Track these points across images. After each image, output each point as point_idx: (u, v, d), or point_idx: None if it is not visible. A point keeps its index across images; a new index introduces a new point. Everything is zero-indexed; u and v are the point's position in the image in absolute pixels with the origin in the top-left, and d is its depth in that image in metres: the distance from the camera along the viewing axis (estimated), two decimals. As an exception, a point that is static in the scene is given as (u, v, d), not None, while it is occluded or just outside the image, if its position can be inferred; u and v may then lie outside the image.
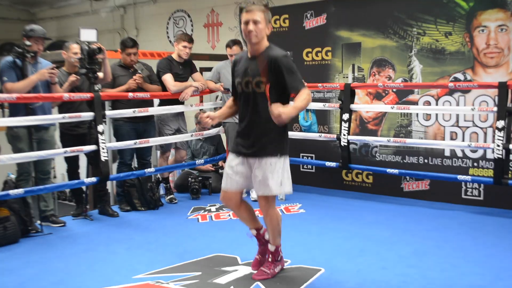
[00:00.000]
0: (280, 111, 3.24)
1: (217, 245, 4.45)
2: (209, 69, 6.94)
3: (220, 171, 6.92)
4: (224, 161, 6.95)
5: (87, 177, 5.40)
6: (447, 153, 5.92)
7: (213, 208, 5.80)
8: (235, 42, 6.12)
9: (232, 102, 3.90)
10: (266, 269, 3.76)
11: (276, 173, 3.54)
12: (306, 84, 3.64)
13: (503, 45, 5.54)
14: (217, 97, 6.79)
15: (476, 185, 5.77)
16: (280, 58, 3.49)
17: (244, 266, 3.91)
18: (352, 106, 5.89)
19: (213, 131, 6.64)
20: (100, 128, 5.12)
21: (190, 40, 5.99)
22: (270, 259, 3.80)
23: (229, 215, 5.46)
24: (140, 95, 5.57)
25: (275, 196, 3.66)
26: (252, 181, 3.64)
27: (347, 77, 6.47)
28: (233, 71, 3.77)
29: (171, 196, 6.22)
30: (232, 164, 3.70)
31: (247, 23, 3.49)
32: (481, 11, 5.63)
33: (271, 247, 3.79)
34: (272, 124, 3.41)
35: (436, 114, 5.97)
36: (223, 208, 5.76)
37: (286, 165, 3.63)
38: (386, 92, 6.24)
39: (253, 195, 6.30)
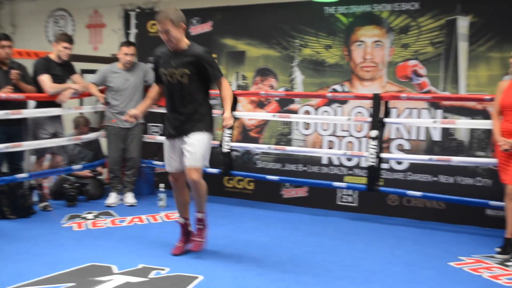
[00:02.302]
0: (228, 119, 3.96)
1: (93, 254, 4.28)
2: (91, 71, 6.71)
3: (98, 177, 6.68)
4: (103, 167, 6.74)
5: (-50, 182, 5.00)
6: (324, 161, 6.15)
7: (89, 216, 5.59)
8: (130, 43, 6.23)
9: (155, 88, 4.39)
10: (199, 238, 4.29)
11: (202, 148, 4.06)
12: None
13: (378, 60, 5.87)
14: (97, 100, 6.55)
15: (350, 191, 6.04)
16: (202, 53, 4.11)
17: (120, 276, 3.79)
18: (235, 113, 5.94)
19: (92, 136, 6.41)
20: (-35, 130, 4.77)
21: (71, 40, 5.76)
22: (200, 227, 4.30)
23: (106, 223, 5.30)
24: (14, 96, 5.25)
25: (202, 169, 4.12)
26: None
27: (231, 85, 6.52)
28: (156, 63, 4.26)
29: (46, 203, 5.90)
30: (168, 148, 4.24)
31: (161, 32, 4.01)
32: (359, 26, 5.93)
33: (200, 215, 4.27)
34: (196, 106, 4.11)
35: (315, 124, 6.19)
36: (100, 216, 5.58)
37: (210, 142, 4.17)
38: (269, 100, 6.37)
39: (127, 199, 6.17)
